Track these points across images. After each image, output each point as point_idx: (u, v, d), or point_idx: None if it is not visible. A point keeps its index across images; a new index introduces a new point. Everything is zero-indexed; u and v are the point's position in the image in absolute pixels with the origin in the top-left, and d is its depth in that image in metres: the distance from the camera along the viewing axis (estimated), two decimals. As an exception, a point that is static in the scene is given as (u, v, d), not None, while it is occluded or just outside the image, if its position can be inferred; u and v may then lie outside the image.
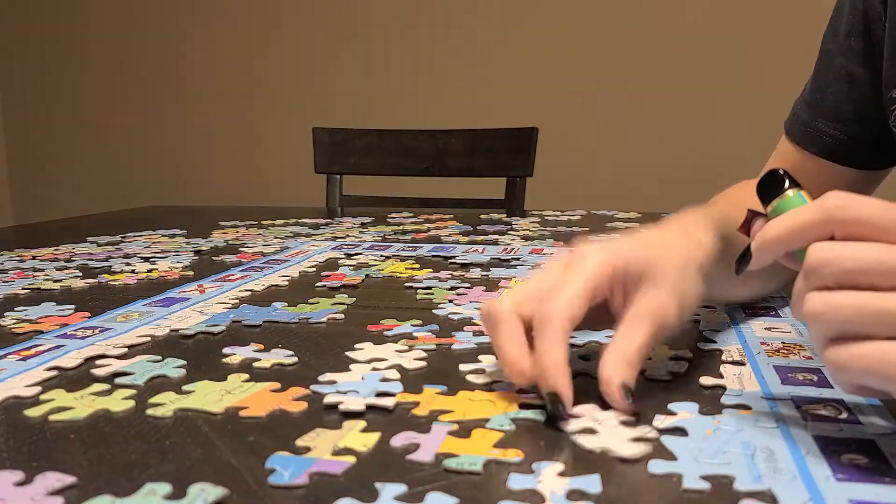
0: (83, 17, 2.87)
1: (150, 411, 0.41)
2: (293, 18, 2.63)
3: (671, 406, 0.40)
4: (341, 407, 0.41)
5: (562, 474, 0.33)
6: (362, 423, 0.38)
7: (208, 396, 0.43)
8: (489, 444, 0.36)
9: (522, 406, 0.41)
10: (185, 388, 0.44)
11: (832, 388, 0.43)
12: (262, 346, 0.52)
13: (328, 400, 0.42)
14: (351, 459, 0.35)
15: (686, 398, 0.41)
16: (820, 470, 0.33)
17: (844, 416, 0.38)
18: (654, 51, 2.28)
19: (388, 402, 0.41)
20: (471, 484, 0.32)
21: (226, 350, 0.51)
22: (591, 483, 0.32)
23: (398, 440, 0.36)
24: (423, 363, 0.48)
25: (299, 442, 0.36)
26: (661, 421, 0.38)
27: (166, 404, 0.42)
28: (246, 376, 0.46)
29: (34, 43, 2.94)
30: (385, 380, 0.45)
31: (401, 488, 0.32)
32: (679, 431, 0.37)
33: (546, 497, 0.31)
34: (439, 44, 2.49)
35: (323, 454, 0.35)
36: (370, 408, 0.41)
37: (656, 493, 0.32)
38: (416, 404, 0.41)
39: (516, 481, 0.32)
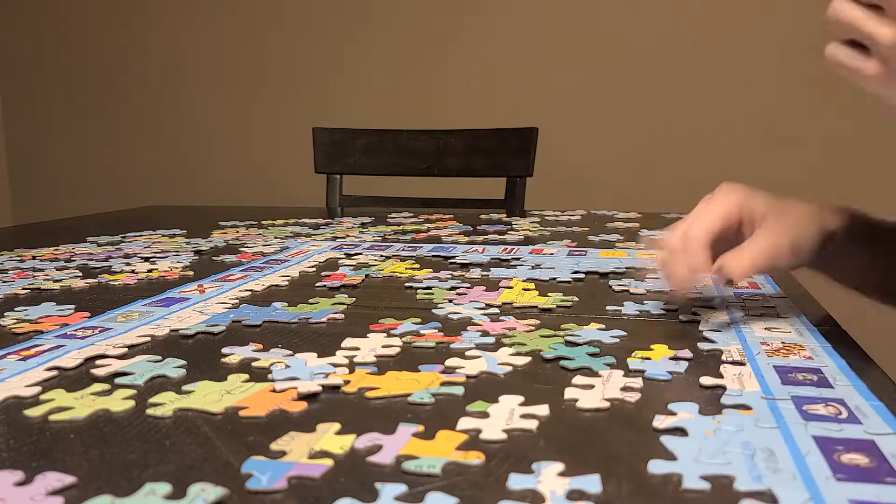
0: (84, 16, 2.87)
1: (149, 411, 0.41)
2: (294, 18, 2.63)
3: (671, 406, 0.40)
4: (281, 385, 0.44)
5: (562, 474, 0.33)
6: (336, 426, 0.38)
7: (208, 396, 0.43)
8: (452, 447, 0.36)
9: (444, 384, 0.44)
10: (185, 388, 0.44)
11: (832, 388, 0.43)
12: (260, 346, 0.52)
13: (279, 386, 0.44)
14: (328, 462, 0.34)
15: (686, 398, 0.41)
16: (820, 470, 0.33)
17: (844, 416, 0.39)
18: (654, 51, 2.28)
19: (311, 385, 0.44)
20: (471, 484, 0.32)
21: (225, 350, 0.51)
22: (591, 483, 0.32)
23: (362, 441, 0.36)
24: (394, 355, 0.50)
25: (273, 446, 0.36)
26: (661, 421, 0.38)
27: (166, 404, 0.42)
28: (245, 376, 0.46)
29: (35, 43, 2.94)
30: (335, 364, 0.48)
31: (401, 488, 0.32)
32: (679, 431, 0.37)
33: (546, 497, 0.31)
34: (439, 44, 2.49)
35: (299, 458, 0.35)
36: (314, 393, 0.43)
37: (656, 493, 0.32)
38: (347, 382, 0.44)
39: (516, 481, 0.32)
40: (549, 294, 0.67)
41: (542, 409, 0.40)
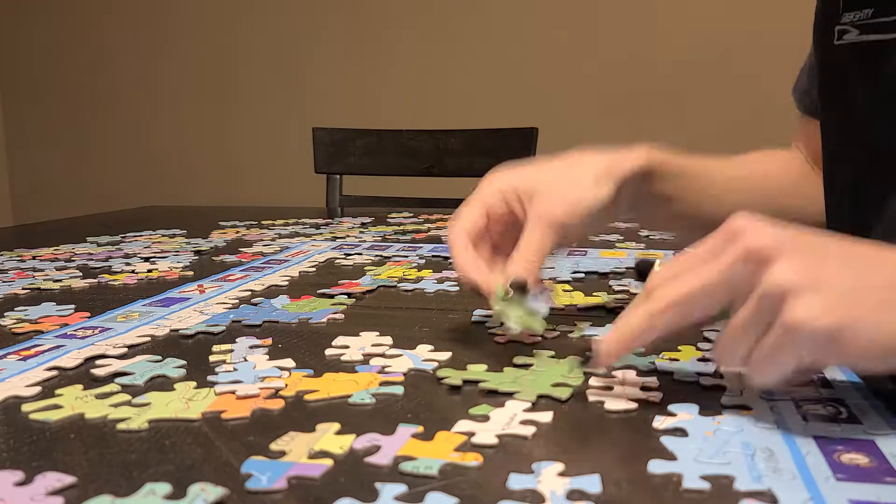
0: (83, 17, 2.86)
1: (120, 426, 0.39)
2: (293, 18, 2.63)
3: (671, 406, 0.40)
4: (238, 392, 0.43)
5: (562, 474, 0.33)
6: (336, 426, 0.38)
7: (171, 406, 0.41)
8: (450, 448, 0.36)
9: (382, 384, 0.44)
10: (136, 400, 0.42)
11: (832, 388, 0.43)
12: (269, 341, 0.52)
13: (219, 389, 0.44)
14: (328, 462, 0.34)
15: (686, 398, 0.41)
16: (820, 470, 0.33)
17: (844, 416, 0.39)
18: (654, 51, 2.28)
19: (251, 388, 0.43)
20: (471, 484, 0.32)
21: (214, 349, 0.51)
22: (591, 483, 0.32)
23: (360, 442, 0.36)
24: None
25: (273, 446, 0.36)
26: (661, 421, 0.38)
27: (132, 418, 0.40)
28: (194, 383, 0.45)
29: (34, 43, 2.94)
30: (281, 368, 0.47)
31: (401, 488, 0.32)
32: (679, 432, 0.37)
33: (546, 497, 0.31)
34: (439, 44, 2.49)
35: (299, 458, 0.35)
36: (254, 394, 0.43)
37: (656, 493, 0.32)
38: (286, 386, 0.44)
39: (516, 481, 0.32)
40: (595, 294, 0.66)
41: (546, 416, 0.39)
